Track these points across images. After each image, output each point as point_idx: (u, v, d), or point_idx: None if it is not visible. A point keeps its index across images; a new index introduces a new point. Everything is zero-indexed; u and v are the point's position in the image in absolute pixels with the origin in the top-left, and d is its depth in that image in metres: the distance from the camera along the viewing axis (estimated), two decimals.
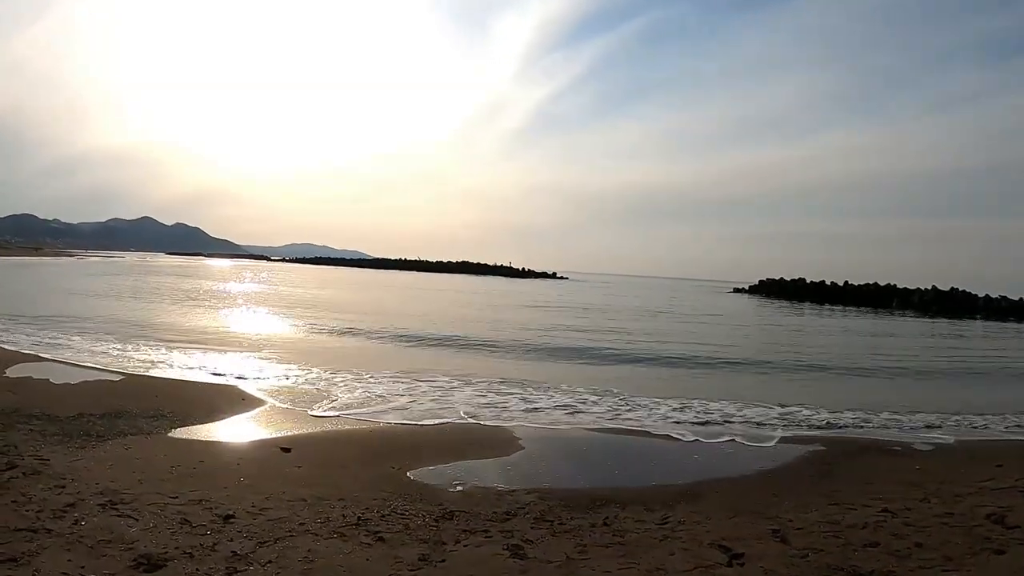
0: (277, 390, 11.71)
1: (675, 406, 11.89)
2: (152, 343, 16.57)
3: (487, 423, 10.20)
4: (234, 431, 8.82)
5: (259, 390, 11.55)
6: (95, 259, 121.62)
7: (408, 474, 7.29)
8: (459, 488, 6.85)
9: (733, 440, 9.60)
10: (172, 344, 16.64)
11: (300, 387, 12.10)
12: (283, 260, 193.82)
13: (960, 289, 68.95)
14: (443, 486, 6.92)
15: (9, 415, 8.35)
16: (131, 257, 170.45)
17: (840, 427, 10.99)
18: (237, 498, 6.02)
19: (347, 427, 9.45)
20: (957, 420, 11.74)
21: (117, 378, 11.84)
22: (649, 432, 10.07)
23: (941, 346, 28.91)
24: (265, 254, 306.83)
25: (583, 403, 11.92)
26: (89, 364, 13.03)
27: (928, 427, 11.18)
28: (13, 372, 11.56)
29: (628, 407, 11.79)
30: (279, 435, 8.64)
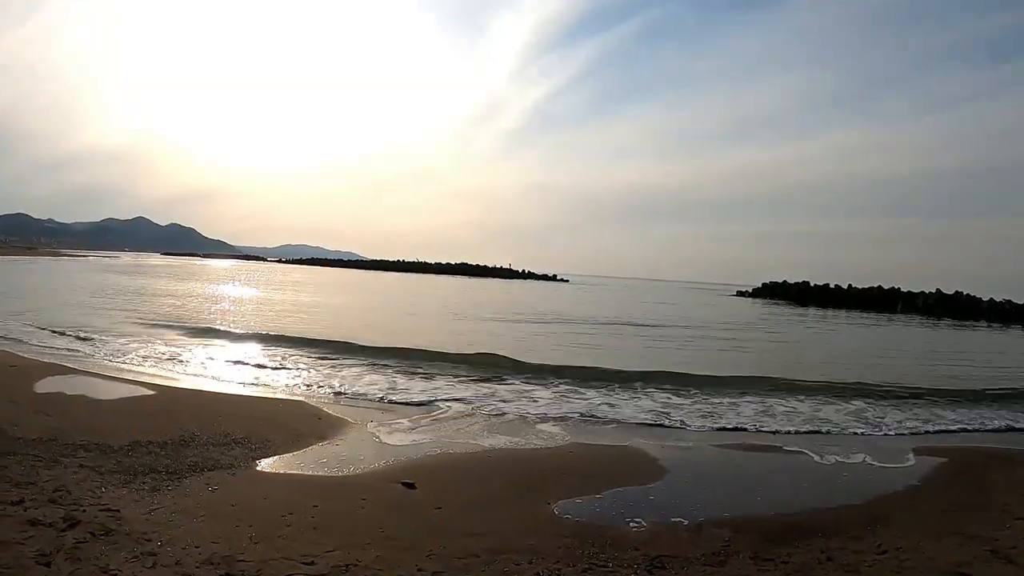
0: (351, 404, 9.93)
1: (759, 409, 11.20)
2: (181, 348, 14.44)
3: (607, 441, 8.75)
4: (332, 461, 6.88)
5: (331, 405, 9.75)
6: (89, 259, 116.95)
7: (555, 509, 5.78)
8: (642, 525, 5.54)
9: (865, 460, 8.45)
10: (207, 350, 14.53)
11: (374, 401, 10.29)
12: (279, 261, 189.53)
13: (964, 293, 68.58)
14: (617, 525, 5.51)
15: (49, 445, 6.46)
16: (125, 257, 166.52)
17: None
18: (394, 561, 4.28)
19: (457, 451, 7.67)
20: None
21: (162, 393, 9.83)
22: (781, 447, 8.99)
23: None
24: (259, 255, 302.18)
25: (670, 409, 10.91)
26: (126, 376, 10.91)
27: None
28: (42, 387, 9.43)
29: (712, 408, 11.14)
30: (387, 465, 6.85)
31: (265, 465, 6.53)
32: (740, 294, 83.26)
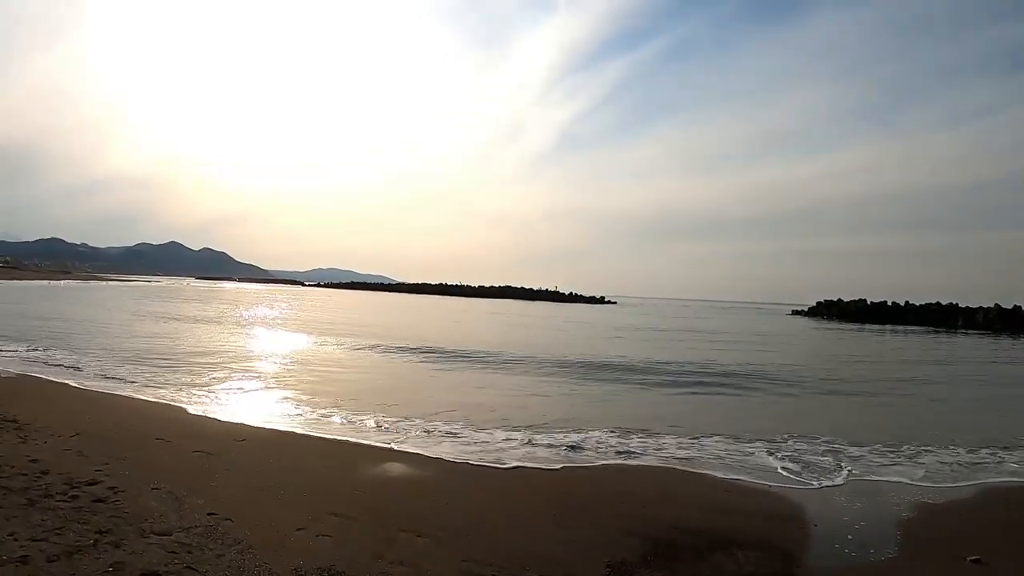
0: (714, 470, 7.83)
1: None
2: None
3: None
4: (866, 545, 5.35)
5: (695, 468, 7.76)
6: (132, 285, 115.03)
7: None
8: None
9: None
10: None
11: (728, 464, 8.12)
12: (317, 285, 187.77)
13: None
14: None
15: None
16: (166, 281, 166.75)
17: None
18: None
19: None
20: None
21: (501, 473, 7.37)
22: None
23: None
24: (292, 278, 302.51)
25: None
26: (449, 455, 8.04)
27: None
28: (384, 469, 6.97)
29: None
30: (918, 536, 5.40)
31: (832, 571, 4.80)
32: (795, 313, 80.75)
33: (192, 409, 9.86)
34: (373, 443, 8.54)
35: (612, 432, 9.78)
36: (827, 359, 25.94)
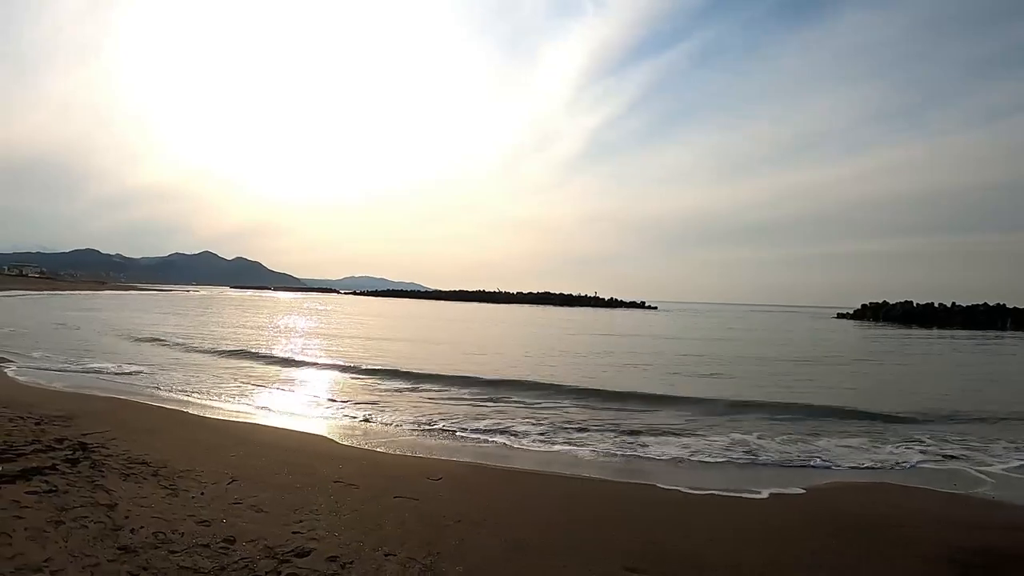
0: None
1: None
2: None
3: None
4: None
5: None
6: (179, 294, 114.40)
7: None
8: None
9: None
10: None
11: None
12: (353, 293, 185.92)
13: None
14: None
15: None
16: (204, 291, 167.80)
17: None
18: None
19: None
20: None
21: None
22: None
23: None
24: (326, 287, 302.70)
25: None
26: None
27: None
28: (627, 505, 5.38)
29: None
30: None
31: None
32: (840, 316, 78.02)
33: (341, 440, 8.29)
34: (600, 473, 7.08)
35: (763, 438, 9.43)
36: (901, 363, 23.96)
